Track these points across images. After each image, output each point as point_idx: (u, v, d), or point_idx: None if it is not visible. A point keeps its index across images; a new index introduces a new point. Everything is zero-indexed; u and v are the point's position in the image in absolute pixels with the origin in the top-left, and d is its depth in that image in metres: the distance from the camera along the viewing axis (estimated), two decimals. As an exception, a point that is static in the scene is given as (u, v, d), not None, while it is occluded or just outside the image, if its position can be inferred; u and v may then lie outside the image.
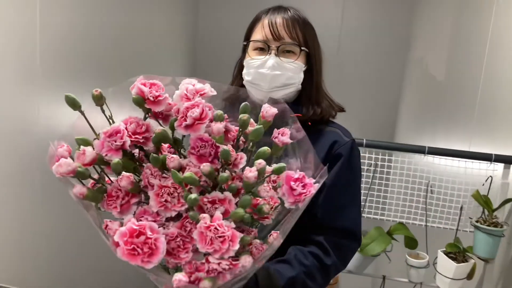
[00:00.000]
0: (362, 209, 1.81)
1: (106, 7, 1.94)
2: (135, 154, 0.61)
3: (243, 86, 1.07)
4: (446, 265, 1.63)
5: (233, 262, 0.53)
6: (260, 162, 0.59)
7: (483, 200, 1.56)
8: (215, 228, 0.51)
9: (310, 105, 1.05)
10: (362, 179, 1.81)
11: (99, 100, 0.61)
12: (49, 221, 1.62)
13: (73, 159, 0.57)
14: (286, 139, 0.65)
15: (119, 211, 0.55)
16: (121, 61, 2.11)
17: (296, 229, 1.00)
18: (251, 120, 0.63)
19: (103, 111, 0.61)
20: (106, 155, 0.56)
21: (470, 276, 1.63)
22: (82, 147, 0.57)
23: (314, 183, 0.61)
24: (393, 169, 1.78)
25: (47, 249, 1.64)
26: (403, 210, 1.80)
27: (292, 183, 0.58)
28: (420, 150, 1.66)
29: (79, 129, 0.60)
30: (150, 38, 2.50)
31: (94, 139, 0.59)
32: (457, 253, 1.63)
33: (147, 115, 0.60)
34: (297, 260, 0.91)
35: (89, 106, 0.60)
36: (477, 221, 1.56)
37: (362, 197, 1.81)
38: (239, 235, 0.53)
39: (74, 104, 0.60)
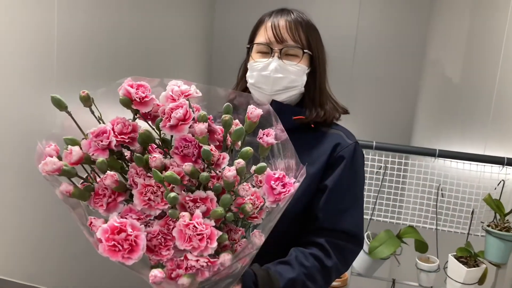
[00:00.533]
0: (371, 212, 1.81)
1: (122, 9, 1.98)
2: (125, 155, 0.62)
3: (247, 88, 1.08)
4: (456, 270, 1.60)
5: (212, 260, 0.54)
6: (239, 161, 0.60)
7: (495, 204, 1.53)
8: (194, 226, 0.52)
9: (313, 108, 1.04)
10: (371, 181, 1.80)
11: (86, 101, 0.63)
12: (65, 222, 1.66)
13: (61, 158, 0.59)
14: (271, 139, 0.66)
15: (106, 209, 0.57)
16: (137, 63, 2.15)
17: (298, 232, 1.01)
18: (236, 121, 0.64)
19: (92, 112, 0.62)
20: (93, 154, 0.58)
21: (481, 281, 1.60)
22: (69, 146, 0.59)
23: (295, 182, 0.62)
24: (404, 172, 1.77)
25: (64, 249, 1.68)
26: (413, 214, 1.78)
27: (272, 182, 0.59)
28: (430, 153, 1.64)
29: (68, 129, 0.62)
30: (166, 40, 2.53)
31: (82, 139, 0.61)
32: (468, 257, 1.61)
33: (135, 116, 0.62)
34: (297, 261, 0.91)
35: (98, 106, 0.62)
36: (488, 226, 1.53)
37: (371, 200, 1.80)
38: (217, 233, 0.54)
39: (59, 105, 0.62)
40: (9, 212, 1.37)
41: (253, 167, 0.62)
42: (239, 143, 0.65)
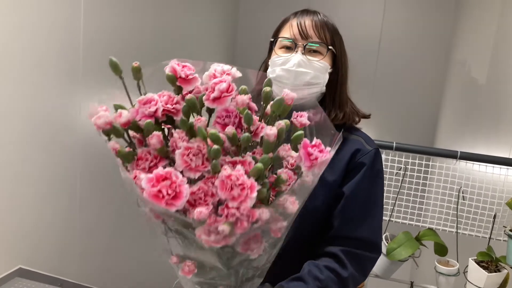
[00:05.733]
0: (390, 213, 1.79)
1: (147, 8, 2.02)
2: (165, 129, 0.66)
3: None
4: (477, 274, 1.58)
5: (251, 209, 0.57)
6: (280, 123, 0.63)
7: (518, 209, 1.50)
8: (236, 177, 0.55)
9: (333, 109, 1.03)
10: (391, 182, 1.78)
11: (137, 73, 0.67)
12: (86, 217, 1.71)
13: None
14: (304, 120, 0.68)
15: (147, 171, 0.60)
16: (160, 61, 2.18)
17: (312, 243, 1.00)
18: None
19: (139, 87, 0.66)
20: (140, 120, 0.62)
21: (502, 286, 1.57)
22: (119, 110, 0.64)
23: (330, 151, 0.65)
24: (425, 173, 1.75)
25: (84, 244, 1.73)
26: (433, 216, 1.76)
27: (309, 148, 0.62)
28: (452, 155, 1.62)
29: (116, 98, 0.66)
30: (189, 38, 2.57)
31: (129, 108, 0.64)
32: (489, 262, 1.58)
33: (179, 93, 0.66)
34: (311, 276, 0.89)
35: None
36: (511, 230, 1.50)
37: (390, 201, 1.79)
38: (257, 186, 0.56)
39: (116, 69, 0.66)
40: (33, 207, 1.42)
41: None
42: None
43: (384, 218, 1.62)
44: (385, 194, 1.76)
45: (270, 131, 0.61)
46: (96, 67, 1.63)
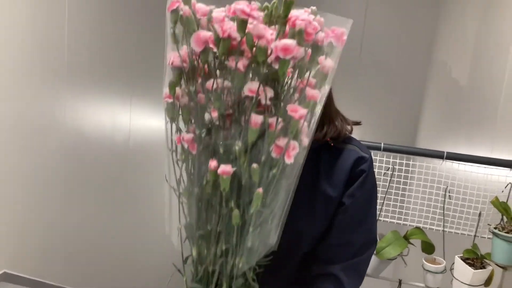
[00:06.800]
0: (379, 212, 1.82)
1: (131, 9, 2.00)
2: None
3: None
4: (463, 271, 1.62)
5: None
6: None
7: (502, 207, 1.55)
8: None
9: (325, 125, 1.02)
10: (379, 182, 1.82)
11: None
12: (70, 220, 1.69)
13: None
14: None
15: None
16: (144, 64, 2.16)
17: (309, 260, 1.02)
18: None
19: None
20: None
21: (487, 283, 1.61)
22: None
23: None
24: (411, 173, 1.78)
25: (69, 247, 1.70)
26: (420, 215, 1.80)
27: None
28: (439, 155, 1.66)
29: None
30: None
31: None
32: (475, 259, 1.63)
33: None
34: None
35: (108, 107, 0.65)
36: (495, 228, 1.54)
37: (379, 201, 1.82)
38: None
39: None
40: (17, 211, 1.39)
41: None
42: None
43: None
44: (373, 194, 1.79)
45: None
46: (81, 68, 1.61)
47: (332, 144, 1.01)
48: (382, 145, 1.70)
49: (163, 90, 0.65)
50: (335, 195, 0.98)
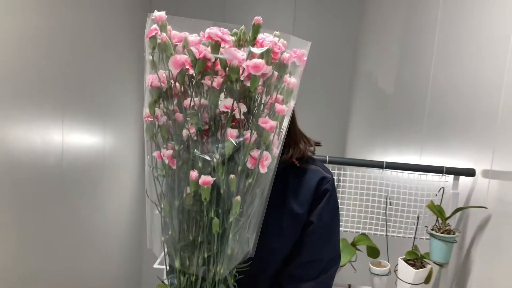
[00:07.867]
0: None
1: (59, 21, 1.96)
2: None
3: None
4: (406, 272, 1.74)
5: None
6: None
7: (437, 210, 1.69)
8: None
9: (290, 147, 1.06)
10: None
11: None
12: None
13: None
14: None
15: None
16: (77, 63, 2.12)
17: (280, 285, 1.06)
18: None
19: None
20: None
21: (427, 280, 1.74)
22: None
23: None
24: (349, 183, 1.90)
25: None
26: (365, 222, 1.91)
27: None
28: (379, 165, 1.79)
29: None
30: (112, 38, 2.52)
31: None
32: (416, 259, 1.75)
33: None
34: None
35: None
36: (432, 229, 1.68)
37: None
38: None
39: None
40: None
41: None
42: None
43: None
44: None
45: None
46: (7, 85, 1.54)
47: (297, 164, 1.07)
48: (327, 158, 1.80)
49: (144, 111, 0.68)
50: (302, 212, 1.03)
